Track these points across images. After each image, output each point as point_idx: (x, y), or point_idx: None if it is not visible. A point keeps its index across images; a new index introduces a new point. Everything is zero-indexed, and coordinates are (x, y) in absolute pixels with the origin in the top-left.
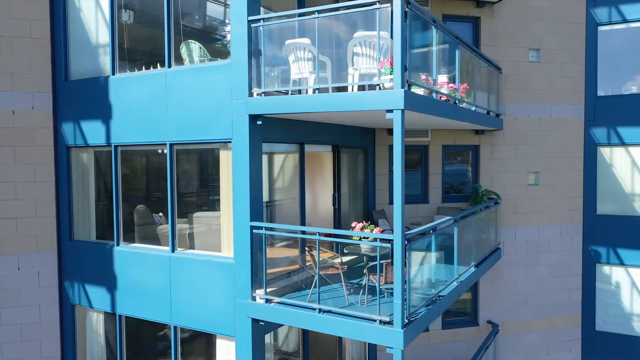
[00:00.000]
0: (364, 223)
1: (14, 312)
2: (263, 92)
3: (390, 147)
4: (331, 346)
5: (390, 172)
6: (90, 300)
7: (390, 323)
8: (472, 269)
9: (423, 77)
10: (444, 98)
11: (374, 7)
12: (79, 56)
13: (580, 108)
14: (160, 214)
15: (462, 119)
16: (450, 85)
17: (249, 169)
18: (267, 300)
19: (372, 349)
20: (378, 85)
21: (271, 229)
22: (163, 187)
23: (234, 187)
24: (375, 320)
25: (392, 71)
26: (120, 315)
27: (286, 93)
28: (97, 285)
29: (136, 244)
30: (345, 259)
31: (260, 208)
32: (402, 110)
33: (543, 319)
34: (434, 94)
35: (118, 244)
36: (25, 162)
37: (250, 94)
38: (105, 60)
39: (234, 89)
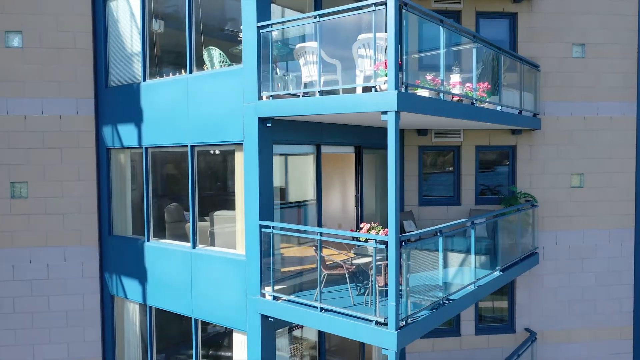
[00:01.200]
0: (372, 224)
1: (61, 299)
2: (271, 96)
3: (421, 148)
4: (355, 349)
5: (422, 173)
6: (125, 291)
7: (385, 324)
8: (496, 274)
9: (429, 77)
10: (456, 98)
11: (369, 9)
12: (117, 64)
13: (631, 106)
14: (186, 212)
15: (479, 119)
16: (467, 85)
17: (258, 169)
18: (275, 297)
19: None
20: (374, 87)
21: (279, 228)
22: (207, 187)
23: (245, 187)
24: (371, 321)
25: (387, 73)
26: (150, 307)
27: (298, 95)
28: (131, 278)
29: (163, 240)
30: (364, 260)
31: (270, 207)
32: (396, 112)
33: (588, 330)
34: (441, 95)
35: (148, 240)
36: (70, 162)
37: (260, 97)
38: (138, 68)
39: (245, 92)
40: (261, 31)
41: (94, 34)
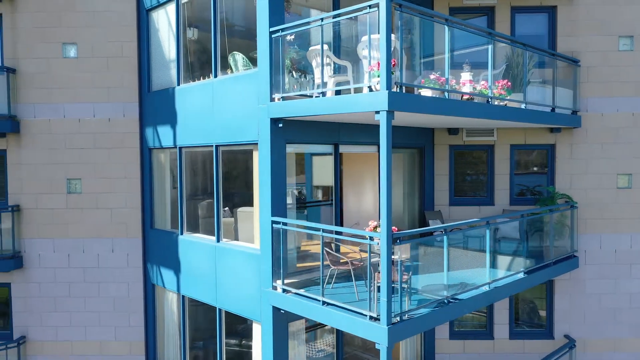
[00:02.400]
0: (378, 222)
1: (109, 286)
2: (282, 97)
3: (452, 147)
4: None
5: (454, 173)
6: (164, 281)
7: (378, 319)
8: (519, 276)
9: (433, 76)
10: (466, 97)
11: (365, 12)
12: (157, 70)
13: None
14: (226, 208)
15: (491, 117)
16: (482, 83)
17: (270, 167)
18: (285, 291)
19: (429, 352)
20: (369, 86)
21: (288, 224)
22: (232, 185)
23: (260, 185)
24: (366, 316)
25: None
26: (183, 296)
27: (310, 96)
28: (168, 269)
29: (194, 234)
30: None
31: (283, 204)
32: (388, 112)
33: (637, 340)
34: (446, 94)
35: (182, 233)
36: (117, 161)
37: (272, 99)
38: (174, 73)
39: (259, 95)
40: (272, 36)
41: (138, 42)
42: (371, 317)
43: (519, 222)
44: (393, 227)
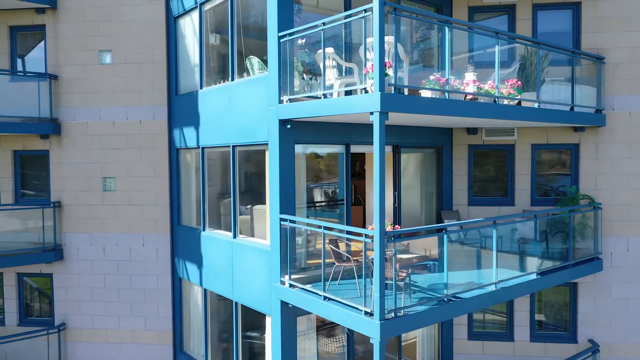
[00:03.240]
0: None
1: (140, 279)
2: (289, 99)
3: (471, 147)
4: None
5: (473, 173)
6: (189, 274)
7: (372, 315)
8: (530, 277)
9: (432, 77)
10: (469, 97)
11: (360, 16)
12: (184, 74)
13: None
14: (248, 206)
15: (496, 116)
16: (489, 82)
17: (279, 166)
18: (291, 285)
19: (447, 351)
20: (364, 88)
21: (295, 222)
22: (248, 183)
23: (270, 183)
24: (361, 311)
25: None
26: (205, 289)
27: (319, 98)
28: (192, 263)
29: (215, 230)
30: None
31: (291, 202)
32: (381, 112)
33: None
34: (447, 94)
35: (204, 229)
36: (148, 161)
37: (280, 101)
38: (197, 77)
39: (269, 97)
40: (280, 40)
41: (167, 48)
42: (366, 313)
43: (534, 222)
44: (396, 226)
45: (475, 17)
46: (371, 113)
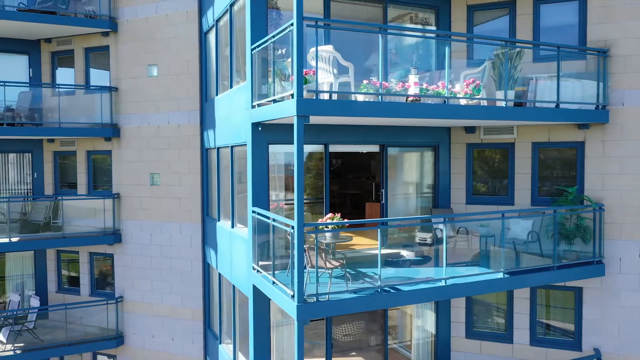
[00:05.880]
0: (333, 215)
1: (178, 262)
2: (257, 104)
3: (469, 146)
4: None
5: (472, 171)
6: (211, 260)
7: (294, 297)
8: (495, 276)
9: (366, 81)
10: (411, 98)
11: (288, 30)
12: (210, 82)
13: None
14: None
15: (426, 116)
16: (441, 82)
17: (252, 164)
18: (258, 271)
19: (444, 348)
20: (291, 94)
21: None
22: (244, 178)
23: (248, 179)
24: (289, 294)
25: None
26: (219, 273)
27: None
28: (213, 250)
29: (225, 221)
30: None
31: (264, 197)
32: (298, 116)
33: None
34: (380, 97)
35: (219, 220)
36: (184, 159)
37: (253, 106)
38: (217, 85)
39: (247, 102)
40: (252, 51)
41: (199, 60)
42: (292, 296)
43: (525, 223)
44: (326, 217)
45: (475, 15)
46: (295, 116)
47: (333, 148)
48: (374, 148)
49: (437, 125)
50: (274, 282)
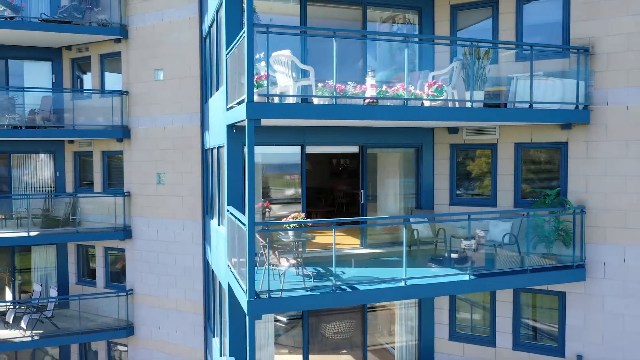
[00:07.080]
0: (296, 214)
1: (182, 257)
2: (229, 107)
3: (453, 146)
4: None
5: (456, 172)
6: (209, 256)
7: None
8: (461, 277)
9: (321, 84)
10: (367, 101)
11: (241, 37)
12: (208, 85)
13: None
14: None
15: (380, 117)
16: (400, 84)
17: (227, 165)
18: (230, 267)
19: (427, 349)
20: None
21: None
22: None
23: (225, 180)
24: (244, 290)
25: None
26: (212, 270)
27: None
28: (209, 246)
29: (215, 219)
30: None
31: (239, 196)
32: (249, 119)
33: None
34: (334, 100)
35: (212, 218)
36: (186, 160)
37: (228, 109)
38: (211, 88)
39: (224, 105)
40: (227, 55)
41: (200, 64)
42: (245, 291)
43: (504, 225)
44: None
45: (459, 15)
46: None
47: (310, 149)
48: (354, 149)
49: (416, 126)
50: (236, 278)
